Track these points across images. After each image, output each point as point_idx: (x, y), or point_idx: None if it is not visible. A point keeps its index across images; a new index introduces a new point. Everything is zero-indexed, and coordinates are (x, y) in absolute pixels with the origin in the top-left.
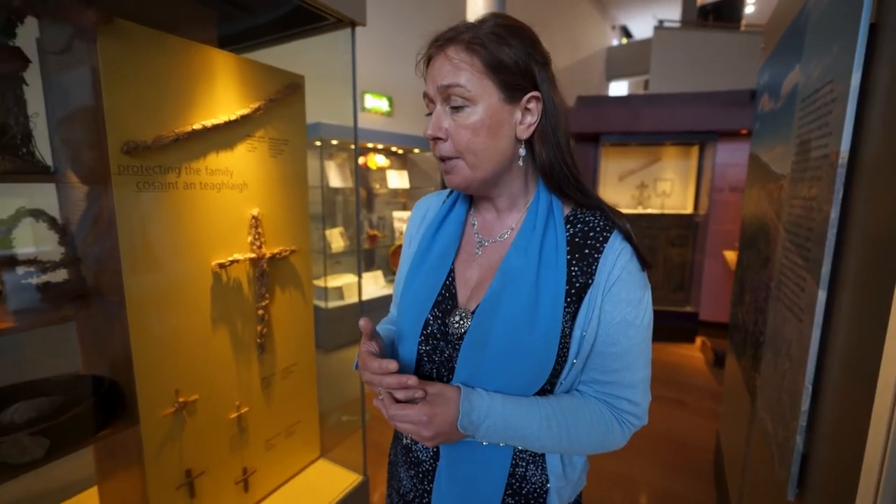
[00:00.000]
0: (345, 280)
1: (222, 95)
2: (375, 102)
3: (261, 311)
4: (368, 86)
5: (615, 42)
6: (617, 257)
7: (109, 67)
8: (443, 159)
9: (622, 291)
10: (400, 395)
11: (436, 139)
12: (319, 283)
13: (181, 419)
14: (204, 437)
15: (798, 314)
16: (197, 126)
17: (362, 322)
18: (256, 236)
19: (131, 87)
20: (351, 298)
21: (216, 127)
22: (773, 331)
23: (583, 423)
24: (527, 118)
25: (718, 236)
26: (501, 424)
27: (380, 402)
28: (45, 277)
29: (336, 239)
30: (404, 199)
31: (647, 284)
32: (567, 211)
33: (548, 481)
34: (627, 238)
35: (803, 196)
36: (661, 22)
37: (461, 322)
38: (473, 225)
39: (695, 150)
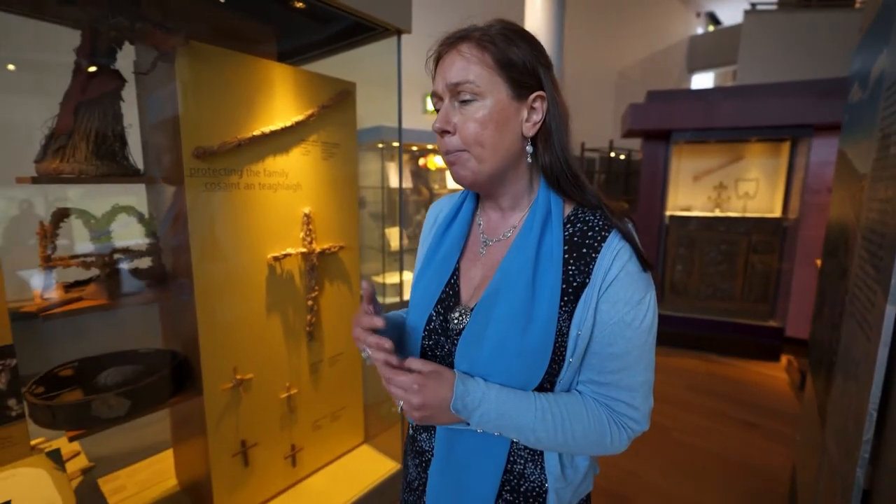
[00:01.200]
0: (403, 277)
1: (280, 104)
2: None
3: (310, 302)
4: (430, 87)
5: (699, 30)
6: (615, 257)
7: (184, 83)
8: (449, 152)
9: (620, 291)
10: (380, 356)
11: (444, 132)
12: (378, 279)
13: (238, 394)
14: (257, 413)
15: (867, 331)
16: (256, 132)
17: (364, 284)
18: (308, 232)
19: (202, 100)
20: (407, 295)
21: (273, 133)
22: (844, 349)
23: (579, 420)
24: (532, 116)
25: (811, 243)
26: (495, 412)
27: (367, 356)
28: (133, 264)
29: (395, 237)
30: None
31: (649, 286)
32: (568, 211)
33: (546, 481)
34: (626, 238)
35: (880, 198)
36: (753, 5)
37: (460, 318)
38: (479, 225)
39: (785, 147)
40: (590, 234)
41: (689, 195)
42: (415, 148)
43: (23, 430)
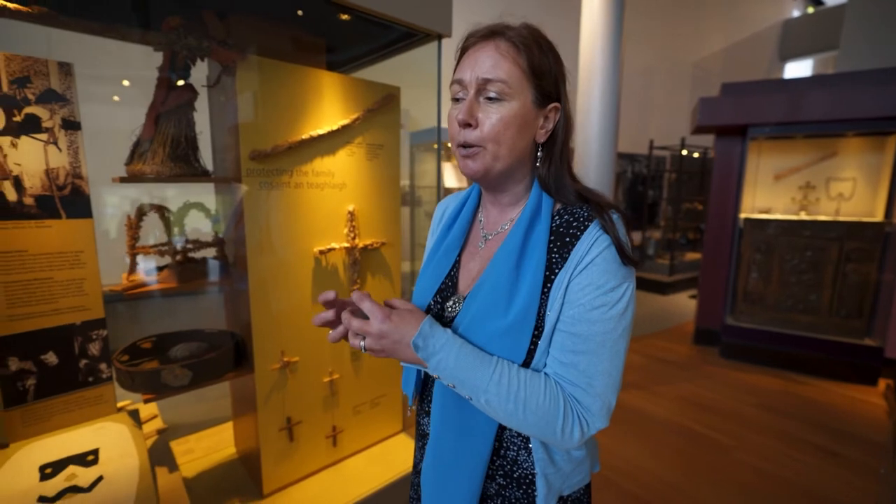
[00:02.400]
0: None
1: (328, 109)
2: None
3: (351, 295)
4: None
5: (795, 13)
6: (592, 243)
7: (243, 93)
8: (466, 145)
9: (594, 275)
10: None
11: (466, 125)
12: None
13: (285, 375)
14: (302, 393)
15: None
16: (305, 136)
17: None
18: (351, 229)
19: (258, 107)
20: None
21: (321, 136)
22: None
23: (534, 394)
24: (546, 125)
25: None
26: (453, 362)
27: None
28: (200, 253)
29: None
30: None
31: (627, 278)
32: (558, 206)
33: (534, 466)
34: (606, 228)
35: None
36: None
37: (453, 306)
38: (480, 221)
39: (891, 142)
40: (574, 223)
41: (769, 196)
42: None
43: (110, 390)
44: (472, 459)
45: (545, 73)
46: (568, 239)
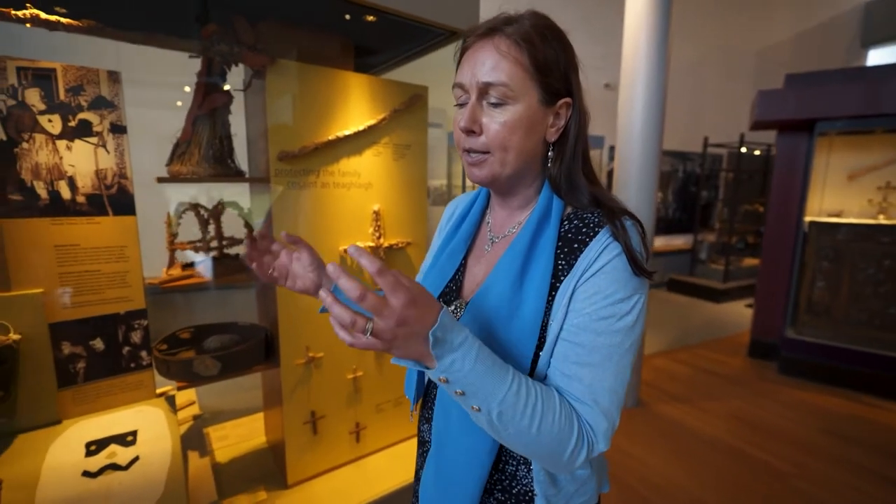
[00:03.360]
0: None
1: (355, 109)
2: None
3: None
4: None
5: None
6: (601, 251)
7: (272, 96)
8: (470, 152)
9: (601, 284)
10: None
11: (469, 132)
12: None
13: (310, 370)
14: (326, 388)
15: None
16: (331, 137)
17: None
18: (377, 228)
19: (287, 109)
20: None
21: (347, 137)
22: None
23: (550, 409)
24: (557, 122)
25: None
26: (471, 365)
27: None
28: (234, 250)
29: None
30: None
31: (638, 290)
32: (569, 210)
33: (534, 484)
34: (617, 236)
35: None
36: None
37: (455, 312)
38: (488, 223)
39: None
40: (584, 230)
41: (841, 198)
42: None
43: (150, 377)
44: (471, 472)
45: (551, 67)
46: (576, 245)
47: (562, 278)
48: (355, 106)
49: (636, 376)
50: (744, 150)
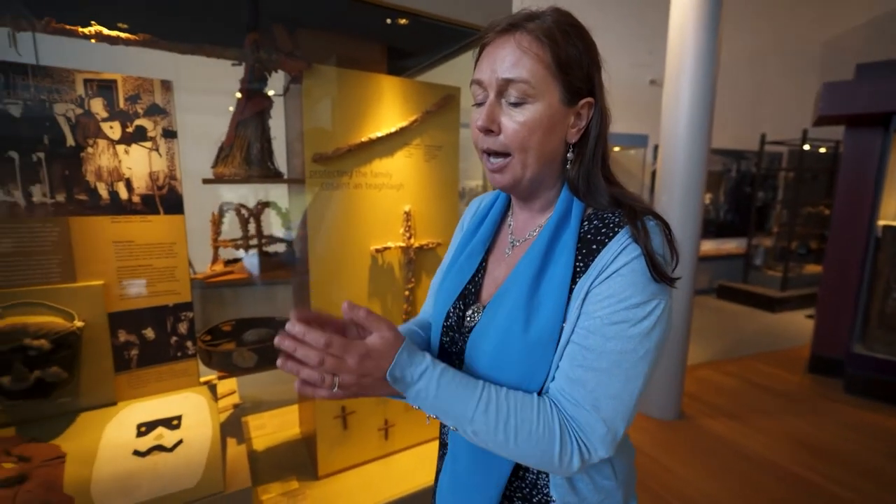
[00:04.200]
0: None
1: (387, 112)
2: None
3: (407, 292)
4: None
5: None
6: (619, 252)
7: (308, 100)
8: (490, 154)
9: (616, 287)
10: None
11: (488, 131)
12: None
13: None
14: None
15: None
16: (364, 139)
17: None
18: (407, 228)
19: (322, 112)
20: None
21: (380, 138)
22: None
23: (525, 422)
24: (578, 122)
25: None
26: (434, 392)
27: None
28: (273, 248)
29: None
30: None
31: (658, 295)
32: (590, 210)
33: (552, 491)
34: (637, 237)
35: None
36: None
37: (473, 315)
38: (510, 226)
39: None
40: (603, 230)
41: None
42: None
43: (195, 365)
44: (489, 477)
45: (574, 65)
46: (594, 246)
47: (577, 280)
48: (388, 108)
49: (677, 387)
50: (807, 147)
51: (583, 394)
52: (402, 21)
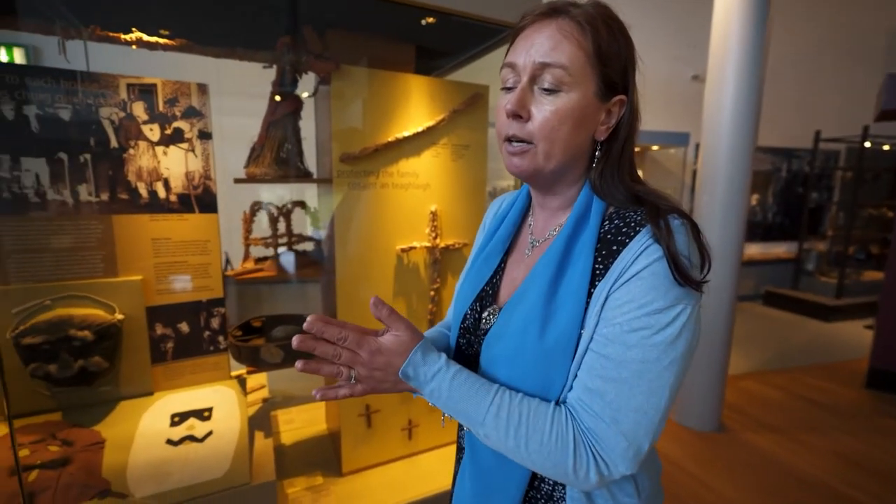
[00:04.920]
0: None
1: (414, 111)
2: None
3: (432, 293)
4: None
5: None
6: (640, 253)
7: (336, 100)
8: (512, 140)
9: (636, 291)
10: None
11: (516, 116)
12: None
13: None
14: None
15: None
16: (391, 139)
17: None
18: (433, 228)
19: (349, 112)
20: None
21: (406, 138)
22: None
23: (537, 432)
24: (608, 120)
25: None
26: (446, 393)
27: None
28: (301, 246)
29: None
30: None
31: (682, 299)
32: (611, 209)
33: None
34: (659, 238)
35: None
36: None
37: (488, 318)
38: (529, 226)
39: None
40: (624, 229)
41: None
42: None
43: (225, 360)
44: (506, 484)
45: (613, 58)
46: (615, 247)
47: (597, 283)
48: (415, 108)
49: (717, 397)
50: (867, 144)
51: (601, 405)
52: (430, 20)
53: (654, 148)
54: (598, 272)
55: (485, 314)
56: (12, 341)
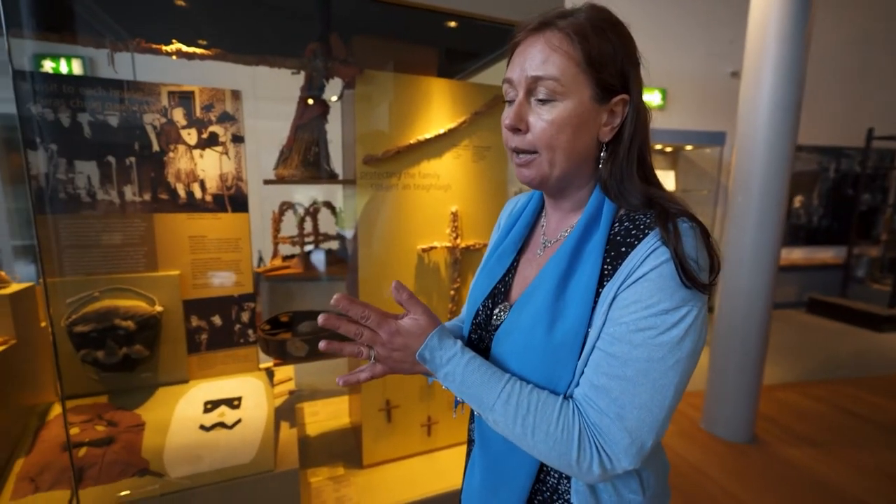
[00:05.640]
0: None
1: (436, 113)
2: (644, 97)
3: (452, 292)
4: None
5: None
6: (647, 255)
7: (360, 103)
8: (517, 151)
9: (643, 292)
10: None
11: (515, 130)
12: None
13: None
14: (401, 381)
15: None
16: (413, 141)
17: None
18: (454, 229)
19: (372, 115)
20: None
21: (428, 140)
22: None
23: (544, 422)
24: (612, 120)
25: None
26: (460, 378)
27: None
28: (326, 245)
29: None
30: None
31: (688, 301)
32: (622, 211)
33: (573, 498)
34: (667, 240)
35: None
36: None
37: (499, 314)
38: (542, 226)
39: None
40: (633, 231)
41: None
42: None
43: (254, 352)
44: (515, 476)
45: (606, 62)
46: (623, 249)
47: (605, 283)
48: (437, 110)
49: (750, 407)
50: None
51: (607, 402)
52: (452, 24)
53: (688, 148)
54: (606, 272)
55: (496, 311)
56: (66, 329)
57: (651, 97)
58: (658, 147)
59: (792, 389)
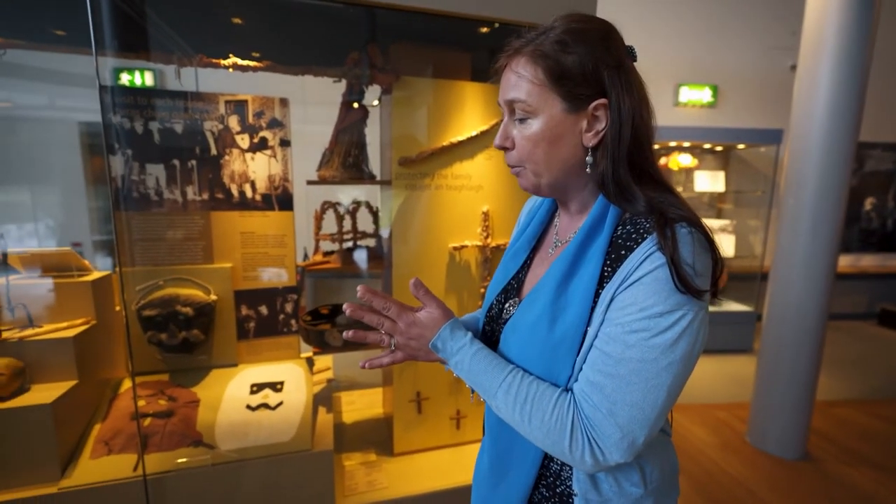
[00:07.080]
0: None
1: (469, 116)
2: (692, 95)
3: (482, 290)
4: (684, 77)
5: None
6: (643, 259)
7: (397, 108)
8: (511, 166)
9: (639, 295)
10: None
11: (503, 148)
12: None
13: None
14: (431, 374)
15: None
16: (446, 143)
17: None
18: (485, 228)
19: (408, 119)
20: None
21: (461, 142)
22: None
23: (539, 411)
24: (595, 125)
25: None
26: (467, 366)
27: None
28: (364, 242)
29: None
30: (721, 205)
31: (683, 306)
32: (627, 214)
33: (574, 485)
34: (664, 246)
35: None
36: None
37: (509, 309)
38: (555, 226)
39: None
40: (633, 235)
41: None
42: (656, 146)
43: (296, 341)
44: (522, 462)
45: (573, 74)
46: (623, 252)
47: (605, 284)
48: (470, 113)
49: (801, 422)
50: None
51: (600, 398)
52: (485, 30)
53: (740, 147)
54: (606, 274)
55: (507, 305)
56: (136, 313)
57: (700, 94)
58: (707, 146)
59: (853, 406)
